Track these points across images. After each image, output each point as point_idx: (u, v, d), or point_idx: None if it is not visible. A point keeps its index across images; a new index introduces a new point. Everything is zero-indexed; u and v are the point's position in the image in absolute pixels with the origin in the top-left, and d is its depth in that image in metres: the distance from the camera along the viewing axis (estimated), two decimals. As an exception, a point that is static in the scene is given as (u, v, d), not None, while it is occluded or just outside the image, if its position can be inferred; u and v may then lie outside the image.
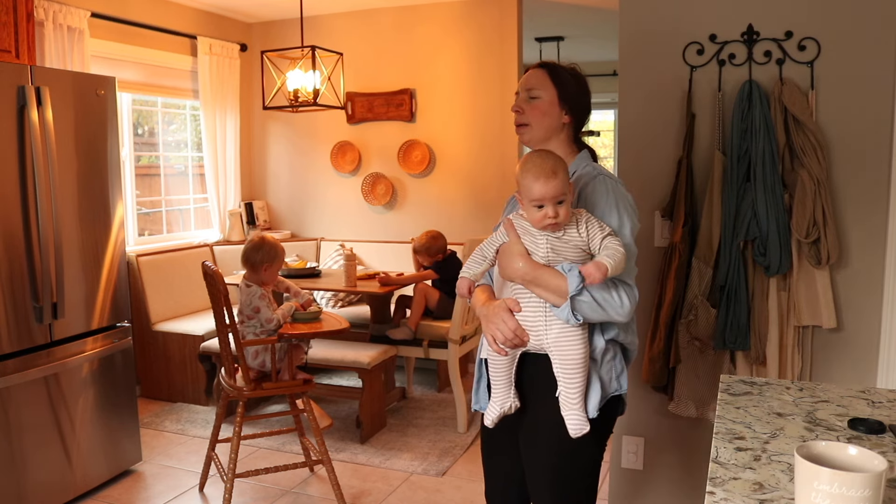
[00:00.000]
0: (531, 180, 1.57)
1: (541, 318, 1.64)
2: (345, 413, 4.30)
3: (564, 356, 1.63)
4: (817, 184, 2.32)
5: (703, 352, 2.52)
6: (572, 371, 1.63)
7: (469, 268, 1.72)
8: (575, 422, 1.64)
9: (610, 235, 1.61)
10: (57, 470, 3.07)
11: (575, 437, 1.65)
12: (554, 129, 1.80)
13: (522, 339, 1.66)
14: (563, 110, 1.80)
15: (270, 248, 3.12)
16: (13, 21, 3.36)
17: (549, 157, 1.60)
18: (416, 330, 4.16)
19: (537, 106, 1.79)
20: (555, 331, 1.63)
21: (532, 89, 1.80)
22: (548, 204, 1.56)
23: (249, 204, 5.70)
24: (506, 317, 1.65)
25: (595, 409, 1.67)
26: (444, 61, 5.21)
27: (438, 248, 4.21)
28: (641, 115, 2.61)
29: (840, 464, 0.98)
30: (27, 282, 2.92)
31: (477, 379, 1.89)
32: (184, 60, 5.11)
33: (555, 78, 1.80)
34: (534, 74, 1.82)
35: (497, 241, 1.69)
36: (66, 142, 3.09)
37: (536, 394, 1.74)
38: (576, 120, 1.83)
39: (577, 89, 1.82)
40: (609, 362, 1.72)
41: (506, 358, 1.70)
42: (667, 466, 2.72)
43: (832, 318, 2.38)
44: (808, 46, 2.36)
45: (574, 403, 1.64)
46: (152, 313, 4.60)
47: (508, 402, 1.72)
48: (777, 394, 1.56)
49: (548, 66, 1.83)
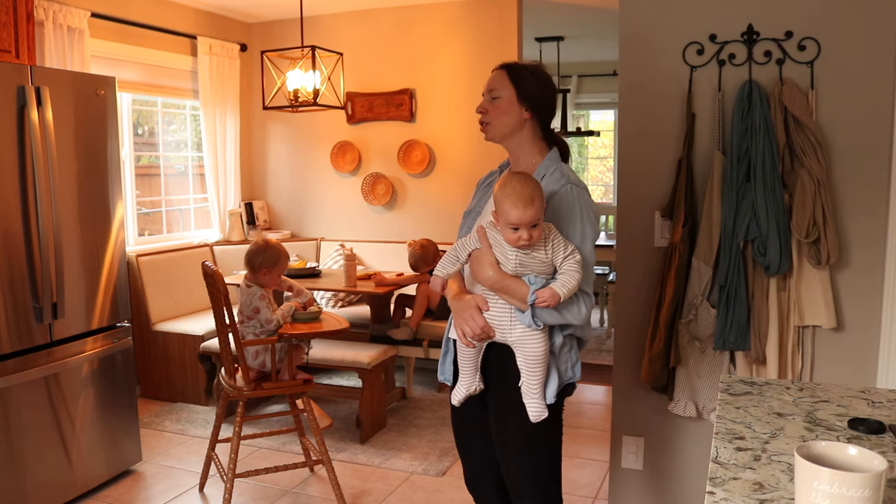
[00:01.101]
0: (510, 206, 1.69)
1: (506, 317, 1.82)
2: (345, 413, 4.30)
3: (527, 352, 1.81)
4: (817, 184, 2.32)
5: (703, 352, 2.52)
6: (534, 365, 1.81)
7: (443, 267, 1.86)
8: (535, 408, 1.83)
9: (571, 255, 1.76)
10: (57, 470, 3.07)
11: (535, 421, 1.84)
12: (514, 126, 1.92)
13: (489, 335, 1.83)
14: (524, 107, 1.90)
15: (273, 254, 3.10)
16: (13, 21, 3.36)
17: (527, 184, 1.71)
18: (417, 329, 4.16)
19: (498, 105, 1.92)
20: (518, 329, 1.81)
21: (493, 90, 1.93)
22: (523, 228, 1.70)
23: (249, 204, 5.70)
24: (475, 314, 1.82)
25: (553, 395, 1.87)
26: (444, 61, 5.21)
27: (431, 254, 4.22)
28: (641, 115, 2.61)
29: (840, 464, 0.98)
30: (27, 282, 2.92)
31: (444, 353, 2.09)
32: (184, 60, 5.11)
33: (513, 77, 1.91)
34: (495, 76, 1.95)
35: (470, 246, 1.83)
36: (66, 142, 3.09)
37: (501, 379, 1.91)
38: (538, 116, 1.94)
39: (538, 86, 1.92)
40: (566, 354, 1.90)
41: (473, 349, 1.87)
42: (667, 466, 2.72)
43: (832, 318, 2.38)
44: (808, 46, 2.36)
45: (535, 393, 1.83)
46: (152, 313, 4.60)
47: (474, 385, 1.91)
48: (777, 394, 1.56)
49: (508, 66, 1.95)
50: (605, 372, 5.12)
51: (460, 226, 2.07)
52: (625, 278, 2.71)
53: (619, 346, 2.75)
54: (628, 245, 2.69)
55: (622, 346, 2.74)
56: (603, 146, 8.63)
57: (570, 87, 7.78)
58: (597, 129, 7.91)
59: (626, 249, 2.69)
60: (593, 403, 4.61)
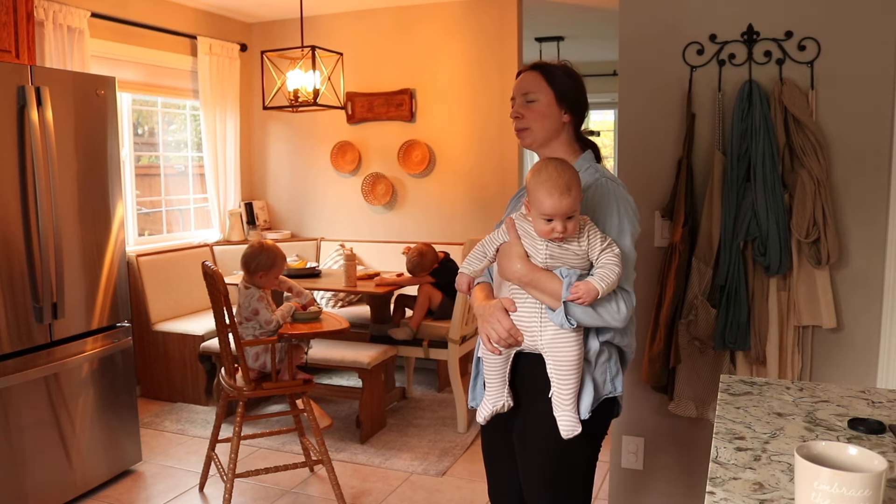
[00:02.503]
0: (544, 195, 1.54)
1: (536, 319, 1.64)
2: (345, 413, 4.30)
3: (558, 357, 1.63)
4: (817, 184, 2.32)
5: (703, 352, 2.52)
6: (566, 372, 1.63)
7: (469, 264, 1.72)
8: (567, 423, 1.64)
9: (609, 248, 1.60)
10: (57, 470, 3.07)
11: (566, 437, 1.64)
12: (555, 130, 1.78)
13: (517, 339, 1.66)
14: (563, 109, 1.78)
15: (268, 256, 3.09)
16: (13, 21, 3.36)
17: (564, 171, 1.57)
18: (417, 330, 4.16)
19: (536, 108, 1.77)
20: (549, 332, 1.63)
21: (528, 93, 1.78)
22: (557, 220, 1.56)
23: (249, 204, 5.70)
24: (501, 316, 1.66)
25: (587, 410, 1.67)
26: (444, 61, 5.21)
27: (429, 260, 4.20)
28: (641, 115, 2.60)
29: (840, 464, 0.98)
30: (27, 282, 2.92)
31: (474, 376, 1.90)
32: (184, 60, 5.11)
33: (549, 78, 1.78)
34: (528, 77, 1.80)
35: (498, 240, 1.68)
36: (66, 142, 3.09)
37: (531, 394, 1.74)
38: (575, 118, 1.81)
39: (573, 86, 1.80)
40: (603, 364, 1.71)
41: (500, 357, 1.70)
42: (667, 466, 2.72)
43: (832, 318, 2.38)
44: (808, 46, 2.36)
45: (567, 404, 1.64)
46: (152, 313, 4.59)
47: (502, 400, 1.73)
48: (777, 394, 1.56)
49: (541, 66, 1.81)
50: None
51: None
52: (625, 278, 2.71)
53: (619, 346, 2.75)
54: (628, 245, 2.68)
55: (622, 346, 2.74)
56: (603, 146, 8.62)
57: (570, 87, 7.77)
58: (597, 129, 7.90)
59: (626, 249, 2.69)
60: (593, 403, 4.60)
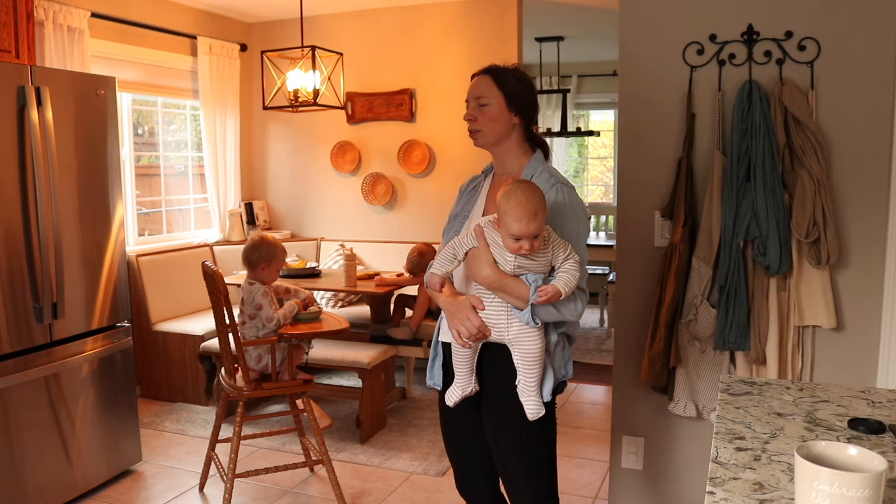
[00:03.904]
0: (513, 220, 1.68)
1: (503, 316, 1.81)
2: (345, 413, 4.30)
3: (524, 350, 1.81)
4: (817, 184, 2.32)
5: (703, 352, 2.52)
6: (531, 363, 1.81)
7: (441, 265, 1.84)
8: (533, 406, 1.83)
9: (570, 256, 1.78)
10: (57, 470, 3.07)
11: (533, 419, 1.83)
12: (505, 131, 1.92)
13: (485, 334, 1.82)
14: (512, 112, 1.91)
15: (269, 248, 3.11)
16: (13, 21, 3.36)
17: (531, 197, 1.69)
18: (417, 330, 4.16)
19: (487, 112, 1.90)
20: (515, 328, 1.80)
21: (481, 97, 1.91)
22: (525, 240, 1.70)
23: (249, 204, 5.70)
24: (470, 314, 1.81)
25: (549, 393, 1.87)
26: (444, 61, 5.21)
27: (429, 260, 4.18)
28: (641, 115, 2.61)
29: (840, 464, 0.98)
30: (27, 282, 2.92)
31: (432, 357, 2.06)
32: (184, 60, 5.11)
33: (500, 83, 1.90)
34: (480, 81, 1.93)
35: (467, 245, 1.82)
36: (66, 142, 3.09)
37: (497, 379, 1.89)
38: (524, 119, 1.94)
39: (523, 90, 1.92)
40: (560, 352, 1.91)
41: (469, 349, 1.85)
42: (667, 466, 2.72)
43: (832, 318, 2.38)
44: (808, 46, 2.36)
45: (532, 390, 1.83)
46: (152, 313, 4.59)
47: (470, 386, 1.89)
48: (777, 394, 1.56)
49: (492, 71, 1.94)
50: (605, 372, 5.11)
51: (445, 230, 2.06)
52: (625, 278, 2.71)
53: (619, 346, 2.75)
54: (628, 245, 2.69)
55: (622, 346, 2.74)
56: (603, 146, 8.62)
57: (570, 87, 7.77)
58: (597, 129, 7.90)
59: (626, 249, 2.69)
60: (593, 403, 4.60)
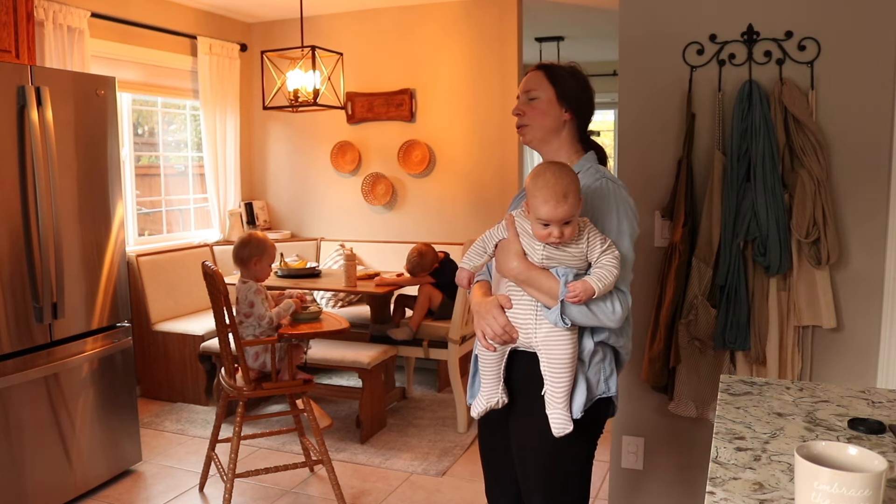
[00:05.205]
0: (541, 201, 1.56)
1: (531, 316, 1.66)
2: (345, 413, 4.30)
3: (552, 355, 1.64)
4: (817, 184, 2.32)
5: (703, 352, 2.52)
6: (559, 371, 1.64)
7: (469, 259, 1.74)
8: (559, 421, 1.65)
9: (608, 251, 1.61)
10: (57, 470, 3.07)
11: (558, 436, 1.66)
12: (554, 128, 1.81)
13: (511, 336, 1.68)
14: (563, 108, 1.80)
15: (258, 243, 3.12)
16: (13, 21, 3.36)
17: (562, 178, 1.57)
18: (417, 330, 4.16)
19: (536, 106, 1.81)
20: (544, 330, 1.65)
21: (530, 91, 1.82)
22: (554, 225, 1.57)
23: (249, 204, 5.70)
24: (496, 313, 1.68)
25: (580, 409, 1.68)
26: (444, 61, 5.21)
27: (429, 261, 4.19)
28: (641, 115, 2.60)
29: (840, 464, 0.98)
30: (27, 282, 2.92)
31: (472, 374, 1.91)
32: (184, 60, 5.11)
33: (552, 77, 1.81)
34: (532, 76, 1.84)
35: (497, 236, 1.70)
36: (66, 142, 3.09)
37: (525, 391, 1.75)
38: (577, 117, 1.83)
39: (577, 87, 1.82)
40: (597, 364, 1.72)
41: (495, 354, 1.71)
42: (667, 466, 2.72)
43: (832, 318, 2.38)
44: (808, 46, 2.36)
45: (559, 403, 1.65)
46: (152, 313, 4.59)
47: (496, 397, 1.74)
48: (777, 394, 1.56)
49: (544, 66, 1.85)
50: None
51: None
52: (625, 278, 2.71)
53: (619, 346, 2.75)
54: (628, 245, 2.68)
55: (622, 346, 2.74)
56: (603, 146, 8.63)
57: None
58: (597, 129, 7.91)
59: (626, 249, 2.69)
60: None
